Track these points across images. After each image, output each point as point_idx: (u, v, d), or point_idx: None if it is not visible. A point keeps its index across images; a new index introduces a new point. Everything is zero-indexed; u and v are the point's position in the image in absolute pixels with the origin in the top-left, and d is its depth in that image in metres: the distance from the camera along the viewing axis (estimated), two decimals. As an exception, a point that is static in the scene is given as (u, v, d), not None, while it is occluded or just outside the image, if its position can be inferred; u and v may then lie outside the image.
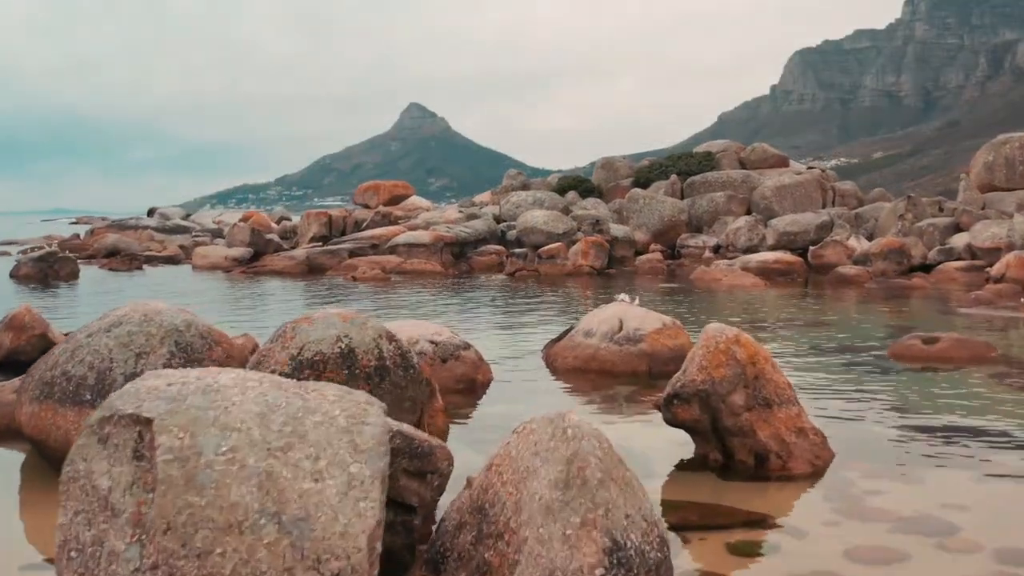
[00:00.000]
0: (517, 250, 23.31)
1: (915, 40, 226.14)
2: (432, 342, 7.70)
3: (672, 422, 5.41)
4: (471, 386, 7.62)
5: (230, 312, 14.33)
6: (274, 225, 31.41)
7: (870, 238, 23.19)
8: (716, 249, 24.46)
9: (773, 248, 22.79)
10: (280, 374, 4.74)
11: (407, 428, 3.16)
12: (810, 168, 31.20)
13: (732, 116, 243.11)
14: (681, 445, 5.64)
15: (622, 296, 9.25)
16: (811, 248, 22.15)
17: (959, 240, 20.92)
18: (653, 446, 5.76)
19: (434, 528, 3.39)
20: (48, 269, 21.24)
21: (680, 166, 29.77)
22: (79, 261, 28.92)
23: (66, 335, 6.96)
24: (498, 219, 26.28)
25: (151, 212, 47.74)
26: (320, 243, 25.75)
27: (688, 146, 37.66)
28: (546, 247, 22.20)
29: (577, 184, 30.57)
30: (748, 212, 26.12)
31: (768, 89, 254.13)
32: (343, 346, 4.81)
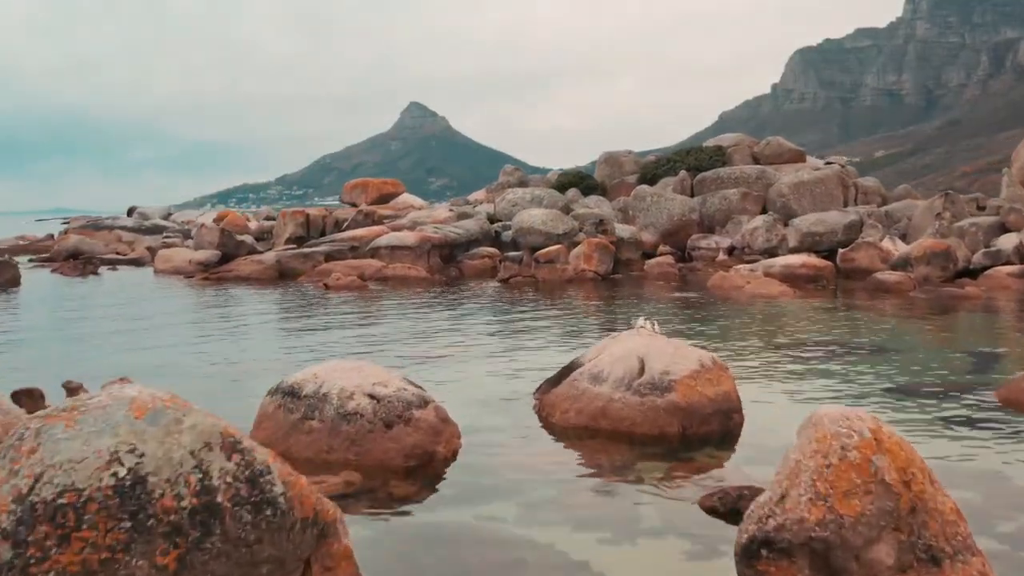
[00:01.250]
0: (512, 253, 20.97)
1: (916, 39, 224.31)
2: (372, 396, 5.33)
3: (754, 582, 3.04)
4: (427, 462, 5.21)
5: (159, 335, 11.99)
6: (250, 225, 29.03)
7: (903, 239, 20.86)
8: (730, 251, 22.23)
9: (795, 250, 20.46)
10: (-3, 530, 2.39)
11: None
12: (828, 163, 28.84)
13: (733, 115, 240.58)
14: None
15: (641, 323, 6.86)
16: (840, 251, 19.75)
17: (1007, 241, 18.62)
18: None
19: None
20: (-16, 275, 18.88)
21: (689, 161, 27.36)
22: (38, 264, 26.86)
23: None
24: (492, 218, 23.89)
25: (131, 211, 45.47)
26: (296, 245, 23.37)
27: (689, 145, 35.31)
28: (544, 249, 19.83)
29: (578, 181, 28.12)
30: (764, 211, 23.78)
31: (769, 88, 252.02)
32: (122, 474, 2.44)
